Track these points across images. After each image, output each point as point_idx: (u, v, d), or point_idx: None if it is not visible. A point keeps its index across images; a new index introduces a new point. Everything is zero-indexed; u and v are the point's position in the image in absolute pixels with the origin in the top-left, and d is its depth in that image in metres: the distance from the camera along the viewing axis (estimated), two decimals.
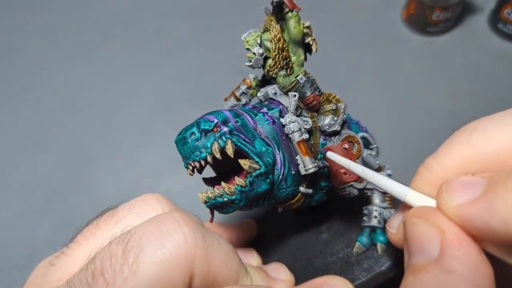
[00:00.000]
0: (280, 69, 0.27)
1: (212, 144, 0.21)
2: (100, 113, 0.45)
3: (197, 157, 0.21)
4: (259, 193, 0.22)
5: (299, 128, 0.24)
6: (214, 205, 0.22)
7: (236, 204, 0.22)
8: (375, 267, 0.23)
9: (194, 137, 0.22)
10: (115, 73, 0.49)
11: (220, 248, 0.18)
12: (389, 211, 0.25)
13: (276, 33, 0.26)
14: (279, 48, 0.26)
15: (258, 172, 0.22)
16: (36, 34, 0.52)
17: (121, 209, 0.20)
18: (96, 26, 0.53)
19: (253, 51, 0.26)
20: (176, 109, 0.45)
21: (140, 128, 0.44)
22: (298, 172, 0.24)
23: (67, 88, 0.48)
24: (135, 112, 0.45)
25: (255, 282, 0.21)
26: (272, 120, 0.24)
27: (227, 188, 0.21)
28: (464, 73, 0.47)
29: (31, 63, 0.50)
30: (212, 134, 0.22)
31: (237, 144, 0.22)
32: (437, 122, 0.43)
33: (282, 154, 0.23)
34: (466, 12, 0.52)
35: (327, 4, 0.54)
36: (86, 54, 0.50)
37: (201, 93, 0.47)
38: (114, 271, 0.16)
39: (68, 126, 0.45)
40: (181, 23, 0.53)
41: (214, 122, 0.22)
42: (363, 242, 0.25)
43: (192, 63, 0.49)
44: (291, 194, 0.24)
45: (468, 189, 0.15)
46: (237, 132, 0.22)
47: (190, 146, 0.22)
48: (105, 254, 0.17)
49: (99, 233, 0.19)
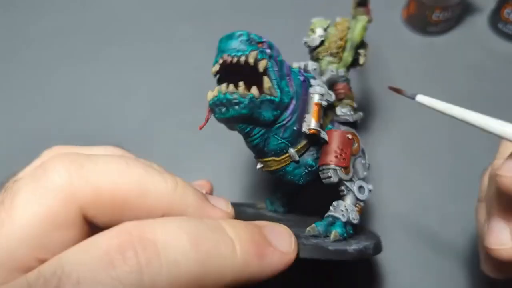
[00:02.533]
0: (329, 55, 0.29)
1: (252, 51, 0.23)
2: (100, 113, 0.46)
3: (233, 52, 0.23)
4: (261, 117, 0.23)
5: (322, 93, 0.25)
6: (220, 101, 0.22)
7: (240, 108, 0.22)
8: (322, 243, 0.24)
9: (242, 37, 0.23)
10: (115, 73, 0.49)
11: (107, 169, 0.18)
12: (356, 215, 0.26)
13: (344, 25, 0.30)
14: (340, 37, 0.29)
15: (272, 98, 0.23)
16: (35, 35, 0.52)
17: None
18: (96, 26, 0.53)
19: (317, 32, 0.29)
20: (176, 110, 0.45)
21: (140, 128, 0.44)
22: (299, 130, 0.25)
23: (67, 88, 0.48)
24: (135, 112, 0.45)
25: (188, 198, 0.20)
26: (304, 78, 0.26)
27: (241, 89, 0.22)
28: (464, 73, 0.47)
29: (30, 65, 0.50)
30: (256, 45, 0.23)
31: (269, 68, 0.23)
32: (436, 122, 0.43)
33: (296, 105, 0.25)
34: (466, 12, 0.52)
35: (326, 4, 0.54)
36: (86, 55, 0.50)
37: (201, 94, 0.47)
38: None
39: (68, 126, 0.45)
40: (182, 23, 0.53)
41: (263, 40, 0.24)
42: (318, 227, 0.25)
43: (192, 64, 0.49)
44: (280, 149, 0.25)
45: None
46: (274, 61, 0.24)
47: (233, 42, 0.23)
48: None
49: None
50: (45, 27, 0.53)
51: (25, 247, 0.16)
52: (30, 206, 0.16)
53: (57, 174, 0.17)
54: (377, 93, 0.46)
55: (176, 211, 0.19)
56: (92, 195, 0.17)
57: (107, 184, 0.17)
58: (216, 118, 0.24)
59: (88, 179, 0.17)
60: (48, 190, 0.17)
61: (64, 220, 0.17)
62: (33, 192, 0.17)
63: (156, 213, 0.18)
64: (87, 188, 0.17)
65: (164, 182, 0.19)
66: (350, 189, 0.26)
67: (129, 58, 0.50)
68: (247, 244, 0.18)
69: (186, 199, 0.19)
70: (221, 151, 0.42)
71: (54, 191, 0.17)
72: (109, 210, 0.18)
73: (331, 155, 0.26)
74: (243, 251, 0.18)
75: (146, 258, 0.15)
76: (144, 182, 0.18)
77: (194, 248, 0.16)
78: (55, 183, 0.17)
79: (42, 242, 0.17)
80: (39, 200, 0.17)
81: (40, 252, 0.17)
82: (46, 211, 0.17)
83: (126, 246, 0.15)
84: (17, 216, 0.16)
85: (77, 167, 0.17)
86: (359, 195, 0.27)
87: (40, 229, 0.16)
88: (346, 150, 0.26)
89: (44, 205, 0.17)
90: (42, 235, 0.17)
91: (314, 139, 0.26)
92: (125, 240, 0.16)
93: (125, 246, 0.15)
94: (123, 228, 0.16)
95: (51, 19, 0.54)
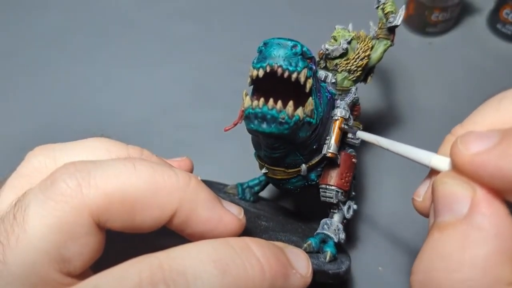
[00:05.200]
0: (347, 70, 0.28)
1: (305, 68, 0.21)
2: (100, 113, 0.46)
3: (286, 65, 0.20)
4: (297, 137, 0.22)
5: (346, 118, 0.25)
6: (262, 114, 0.20)
7: (283, 129, 0.21)
8: (322, 266, 0.24)
9: (295, 50, 0.21)
10: (115, 74, 0.49)
11: (114, 174, 0.18)
12: (344, 235, 0.27)
13: (368, 44, 0.29)
14: (361, 56, 0.29)
15: (311, 120, 0.22)
16: (35, 35, 0.52)
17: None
18: (96, 26, 0.53)
19: (340, 43, 0.28)
20: (176, 110, 0.45)
21: (140, 128, 0.44)
22: (316, 150, 0.25)
23: (67, 88, 0.48)
24: (135, 112, 0.46)
25: (200, 195, 0.19)
26: (330, 96, 0.25)
27: (291, 110, 0.20)
28: (463, 73, 0.48)
29: (30, 64, 0.50)
30: (307, 61, 0.21)
31: (312, 86, 0.22)
32: (436, 122, 0.43)
33: (319, 125, 0.24)
34: (465, 12, 0.52)
35: (326, 4, 0.54)
36: (86, 55, 0.50)
37: (201, 94, 0.47)
38: (7, 232, 0.16)
39: (68, 126, 0.45)
40: (182, 23, 0.53)
41: (312, 56, 0.22)
42: (314, 244, 0.26)
43: (192, 64, 0.49)
44: (295, 163, 0.25)
45: (483, 139, 0.16)
46: (315, 79, 0.23)
47: (285, 53, 0.21)
48: (0, 219, 0.17)
49: None
50: (45, 27, 0.53)
51: (43, 259, 0.16)
52: (43, 219, 0.16)
53: (65, 184, 0.17)
54: (377, 93, 0.46)
55: (187, 207, 0.19)
56: (103, 201, 0.17)
57: (117, 188, 0.17)
58: (248, 127, 0.22)
59: (97, 185, 0.17)
60: (58, 201, 0.17)
61: (78, 229, 0.17)
62: (43, 204, 0.17)
63: (168, 209, 0.18)
64: (97, 195, 0.17)
65: (176, 176, 0.19)
66: (341, 209, 0.27)
67: (129, 58, 0.50)
68: (275, 264, 0.18)
69: (198, 196, 0.19)
70: (221, 151, 0.42)
71: (64, 201, 0.17)
72: (122, 213, 0.18)
73: (337, 177, 0.26)
74: (272, 271, 0.18)
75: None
76: (154, 180, 0.18)
77: (222, 275, 0.17)
78: (64, 193, 0.17)
79: (60, 253, 0.17)
80: (51, 212, 0.16)
81: (59, 263, 0.17)
82: (59, 222, 0.16)
83: (157, 280, 0.16)
84: (31, 230, 0.16)
85: (85, 174, 0.17)
86: (347, 214, 0.28)
87: (56, 241, 0.16)
88: (350, 174, 0.27)
89: (57, 216, 0.16)
90: (59, 246, 0.17)
91: (328, 159, 0.26)
92: (156, 273, 0.16)
93: (156, 280, 0.16)
94: (153, 259, 0.17)
95: (51, 18, 0.54)
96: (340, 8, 0.54)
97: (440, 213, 0.16)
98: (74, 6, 0.55)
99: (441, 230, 0.16)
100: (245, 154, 0.40)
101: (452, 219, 0.16)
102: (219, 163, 0.41)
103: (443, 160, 0.18)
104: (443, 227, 0.16)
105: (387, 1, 0.30)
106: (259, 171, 0.28)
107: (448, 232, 0.16)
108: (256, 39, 0.27)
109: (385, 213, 0.38)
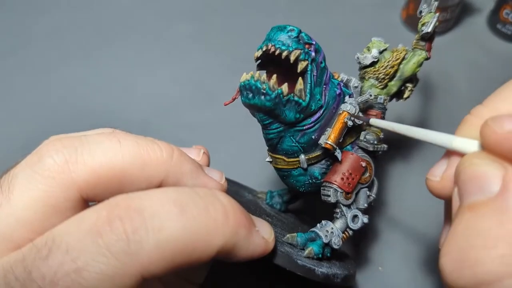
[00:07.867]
0: (375, 78, 0.29)
1: (297, 49, 0.23)
2: (100, 113, 0.46)
3: (279, 45, 0.23)
4: (282, 115, 0.23)
5: (352, 113, 0.25)
6: (249, 86, 0.23)
7: (265, 100, 0.22)
8: (293, 255, 0.24)
9: (292, 33, 0.23)
10: (115, 74, 0.49)
11: (100, 149, 0.18)
12: (339, 241, 0.26)
13: (400, 54, 0.29)
14: (391, 65, 0.29)
15: (299, 100, 0.23)
16: (35, 35, 0.52)
17: None
18: (96, 26, 0.53)
19: (372, 52, 0.29)
20: (176, 110, 0.45)
21: (140, 128, 0.44)
22: (316, 140, 0.25)
23: (67, 88, 0.48)
24: (135, 111, 0.46)
25: (184, 165, 0.20)
26: (340, 91, 0.26)
27: (273, 82, 0.22)
28: (463, 73, 0.48)
29: (30, 64, 0.50)
30: (303, 45, 0.23)
31: (307, 70, 0.23)
32: (436, 122, 0.43)
33: (322, 115, 0.25)
34: (465, 12, 0.52)
35: (326, 4, 0.54)
36: (86, 55, 0.50)
37: (201, 94, 0.47)
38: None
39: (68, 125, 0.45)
40: (182, 23, 0.53)
41: (312, 42, 0.24)
42: (298, 238, 0.25)
43: (192, 64, 0.49)
44: (292, 151, 0.25)
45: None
46: (315, 66, 0.24)
47: (282, 35, 0.23)
48: None
49: None
50: (45, 27, 0.53)
51: (22, 230, 0.17)
52: (28, 191, 0.17)
53: (52, 159, 0.17)
54: None
55: (172, 178, 0.19)
56: (91, 177, 0.17)
57: (104, 165, 0.18)
58: (241, 101, 0.24)
59: (83, 161, 0.17)
60: (45, 176, 0.17)
61: (64, 204, 0.17)
62: (30, 177, 0.17)
63: (155, 182, 0.19)
64: (85, 172, 0.17)
65: (160, 150, 0.19)
66: (344, 215, 0.26)
67: (129, 57, 0.50)
68: (239, 213, 0.18)
69: (182, 166, 0.20)
70: (221, 151, 0.42)
71: (51, 176, 0.17)
72: (109, 188, 0.18)
73: (338, 175, 0.26)
74: (235, 217, 0.18)
75: (133, 227, 0.16)
76: (139, 155, 0.18)
77: (181, 213, 0.16)
78: (51, 169, 0.17)
79: (43, 226, 0.17)
80: (36, 185, 0.17)
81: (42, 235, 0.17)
82: (45, 196, 0.17)
83: (113, 217, 0.16)
84: (14, 200, 0.17)
85: (71, 151, 0.18)
86: (351, 223, 0.26)
87: (40, 214, 0.17)
88: (355, 176, 0.26)
89: (42, 190, 0.17)
90: (43, 219, 0.17)
91: (329, 154, 0.26)
92: (113, 211, 0.16)
93: (112, 216, 0.16)
94: (112, 200, 0.17)
95: (51, 18, 0.54)
96: (340, 8, 0.54)
97: (470, 193, 0.17)
98: (74, 6, 0.55)
99: (473, 209, 0.16)
100: (245, 154, 0.40)
101: (483, 198, 0.16)
102: (219, 163, 0.41)
103: (466, 142, 0.18)
104: (475, 207, 0.16)
105: (427, 13, 0.29)
106: (259, 170, 0.28)
107: (482, 211, 0.16)
108: (256, 39, 0.27)
109: (385, 213, 0.38)
